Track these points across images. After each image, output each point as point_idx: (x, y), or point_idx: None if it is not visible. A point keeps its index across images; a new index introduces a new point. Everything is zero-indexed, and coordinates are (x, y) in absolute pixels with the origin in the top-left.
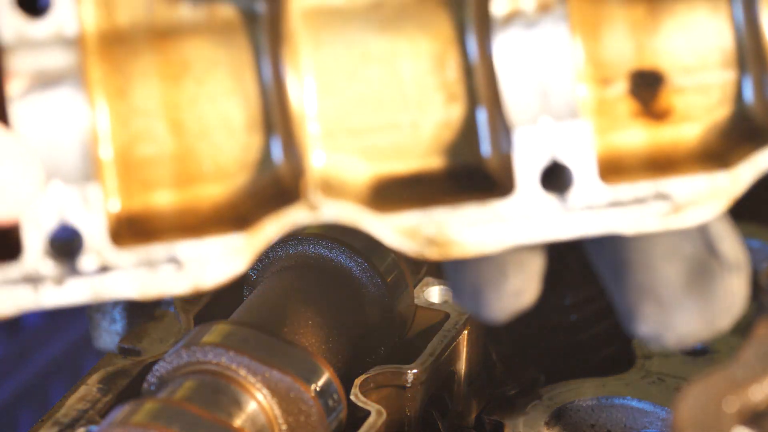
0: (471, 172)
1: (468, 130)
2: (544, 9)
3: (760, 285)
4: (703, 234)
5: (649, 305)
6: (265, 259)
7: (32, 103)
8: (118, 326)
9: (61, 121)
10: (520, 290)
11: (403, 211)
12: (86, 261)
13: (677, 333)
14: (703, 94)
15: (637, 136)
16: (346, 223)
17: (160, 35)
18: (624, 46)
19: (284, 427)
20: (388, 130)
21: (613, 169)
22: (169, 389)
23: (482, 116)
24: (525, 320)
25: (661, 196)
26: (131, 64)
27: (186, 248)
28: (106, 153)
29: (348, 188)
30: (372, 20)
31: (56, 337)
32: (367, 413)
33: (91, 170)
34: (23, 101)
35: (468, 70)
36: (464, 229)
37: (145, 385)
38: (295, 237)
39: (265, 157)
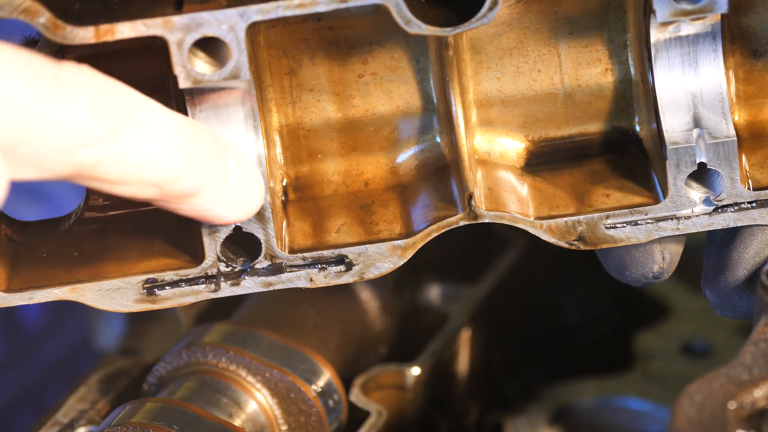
0: (623, 141)
1: (620, 101)
2: (699, 19)
3: (761, 284)
4: None
5: (727, 279)
6: None
7: (208, 109)
8: (118, 326)
9: (236, 127)
10: (662, 272)
11: (556, 218)
12: (261, 264)
13: (736, 312)
14: None
15: None
16: (504, 223)
17: (328, 27)
18: None
19: (284, 427)
20: (544, 101)
21: (756, 135)
22: (169, 389)
23: (634, 89)
24: (525, 320)
25: None
26: (300, 47)
27: (354, 252)
28: (275, 129)
29: (503, 158)
30: (531, 3)
31: (55, 338)
32: (368, 413)
33: (264, 179)
34: (200, 107)
35: (622, 45)
36: (614, 229)
37: (145, 385)
38: None
39: (425, 128)
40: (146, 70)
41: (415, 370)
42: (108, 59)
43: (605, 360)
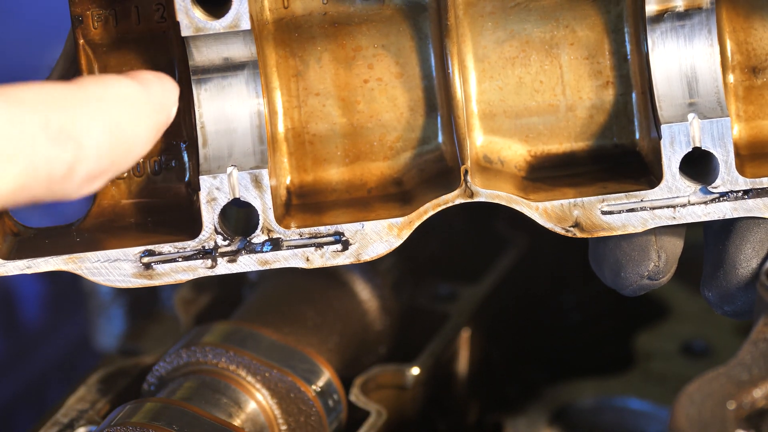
0: (623, 153)
1: (621, 114)
2: (694, 6)
3: (761, 283)
4: None
5: (725, 274)
6: None
7: (213, 88)
8: (118, 326)
9: (239, 105)
10: (659, 272)
11: (552, 199)
12: (258, 239)
13: (735, 307)
14: None
15: None
16: (500, 203)
17: (333, 23)
18: None
19: (284, 427)
20: (545, 112)
21: (758, 153)
22: (169, 389)
23: (635, 102)
24: (525, 320)
25: None
26: (307, 48)
27: (350, 229)
28: (280, 133)
29: (504, 168)
30: (531, 10)
31: (55, 338)
32: (367, 413)
33: (264, 154)
34: (206, 86)
35: (623, 58)
36: (610, 215)
37: (144, 385)
38: None
39: (428, 136)
40: (156, 58)
41: (415, 370)
42: (120, 48)
43: (605, 360)
